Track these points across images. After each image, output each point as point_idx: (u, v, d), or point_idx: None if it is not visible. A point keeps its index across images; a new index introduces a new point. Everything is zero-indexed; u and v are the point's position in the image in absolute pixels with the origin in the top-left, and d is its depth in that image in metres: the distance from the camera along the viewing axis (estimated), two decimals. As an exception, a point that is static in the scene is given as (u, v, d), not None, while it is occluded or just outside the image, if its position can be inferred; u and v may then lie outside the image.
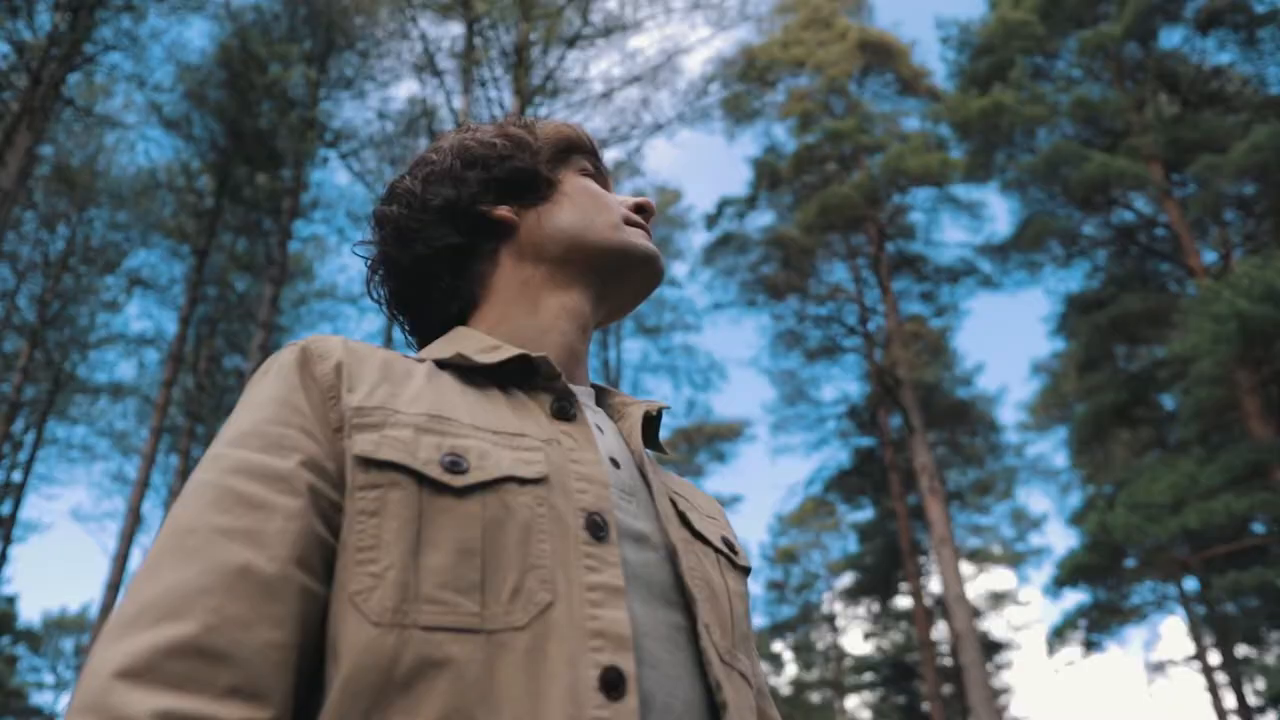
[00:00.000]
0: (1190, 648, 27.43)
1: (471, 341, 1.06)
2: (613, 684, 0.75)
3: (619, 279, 1.18)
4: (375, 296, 1.21)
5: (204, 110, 20.19)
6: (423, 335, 1.22)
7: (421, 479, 0.82)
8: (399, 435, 0.86)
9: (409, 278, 1.17)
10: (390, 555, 0.77)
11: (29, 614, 47.97)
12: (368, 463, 0.83)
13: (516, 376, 1.02)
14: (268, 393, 0.89)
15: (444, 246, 1.15)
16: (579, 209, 1.18)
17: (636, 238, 1.19)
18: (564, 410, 0.99)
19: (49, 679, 39.94)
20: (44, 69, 14.97)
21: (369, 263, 1.21)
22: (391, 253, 1.17)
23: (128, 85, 19.17)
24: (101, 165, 22.31)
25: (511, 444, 0.89)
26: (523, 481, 0.86)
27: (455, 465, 0.84)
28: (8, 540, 21.86)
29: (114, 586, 17.86)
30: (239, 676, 0.69)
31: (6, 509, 22.61)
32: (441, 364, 1.02)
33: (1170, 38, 22.25)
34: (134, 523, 18.47)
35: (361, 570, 0.77)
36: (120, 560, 18.03)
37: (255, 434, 0.84)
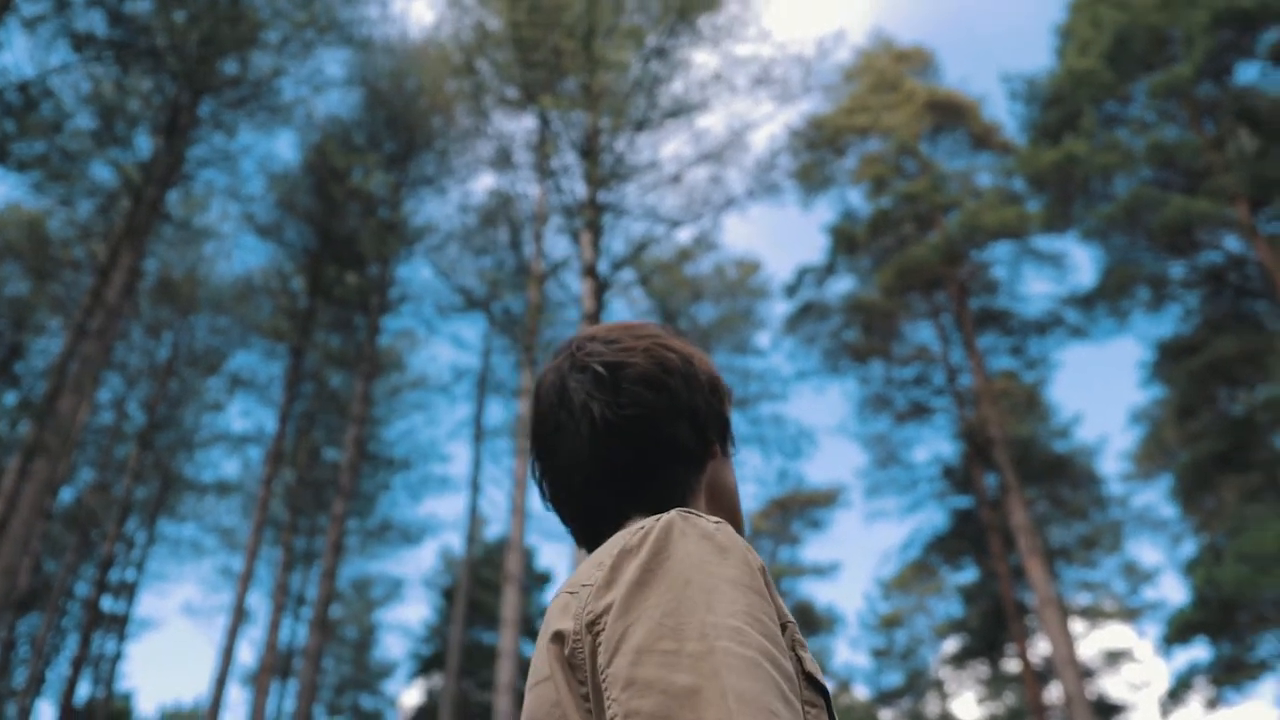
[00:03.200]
0: (1324, 701, 26.08)
1: None
2: None
3: None
4: (588, 427, 1.23)
5: (294, 216, 21.14)
6: (588, 519, 1.25)
7: (827, 699, 1.01)
8: (812, 654, 1.02)
9: (655, 446, 1.22)
10: None
11: (144, 709, 49.14)
12: (812, 681, 0.98)
13: None
14: (748, 580, 0.96)
15: (687, 436, 1.24)
16: (734, 487, 1.33)
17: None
18: None
19: (168, 774, 40.83)
20: (145, 189, 15.90)
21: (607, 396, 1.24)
22: (657, 408, 1.23)
23: (222, 198, 20.21)
24: (201, 274, 23.42)
25: None
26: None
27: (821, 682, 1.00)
28: (123, 637, 22.62)
29: (221, 680, 18.34)
30: None
31: (121, 607, 23.41)
32: None
33: (1246, 73, 21.92)
34: (239, 617, 18.99)
35: None
36: (227, 654, 18.52)
37: (767, 632, 0.93)
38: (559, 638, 0.98)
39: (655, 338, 1.30)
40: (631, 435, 1.21)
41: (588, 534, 1.26)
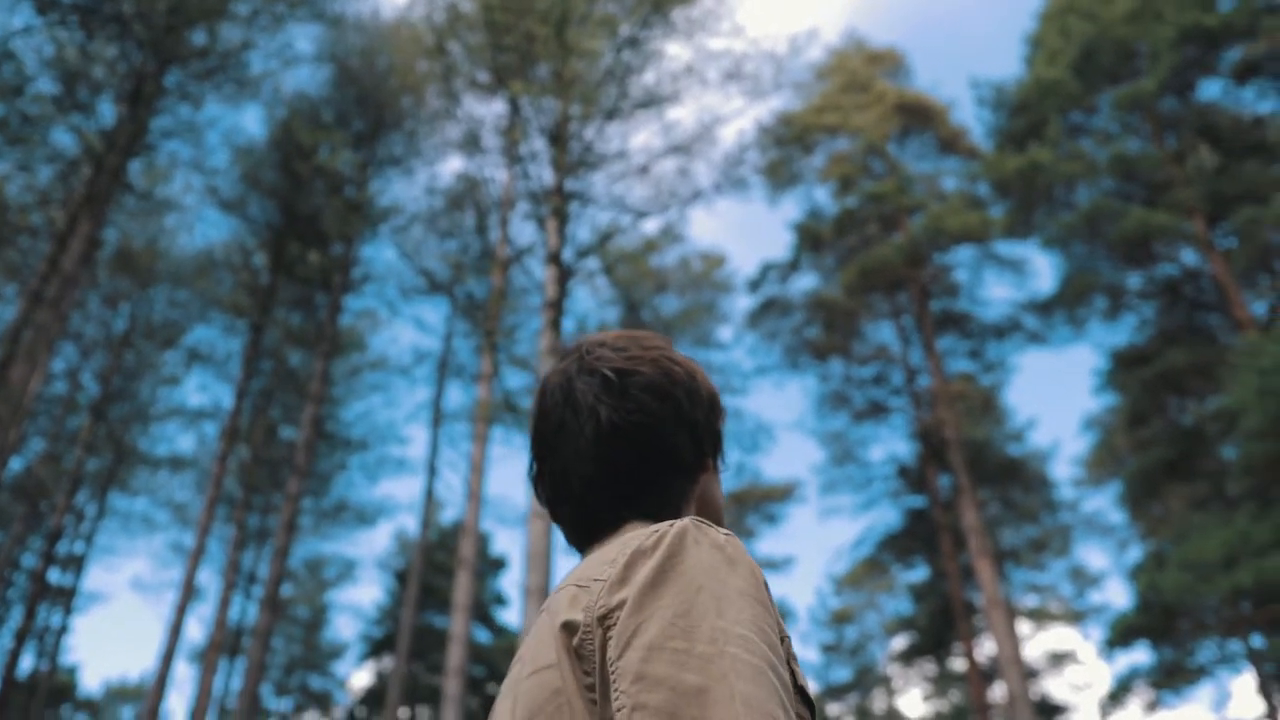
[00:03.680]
0: (1260, 706, 26.64)
1: None
2: None
3: None
4: (588, 428, 1.27)
5: (258, 191, 20.95)
6: (584, 520, 1.28)
7: (814, 712, 1.06)
8: (801, 669, 1.07)
9: (656, 454, 1.27)
10: None
11: (89, 683, 48.62)
12: (802, 694, 1.02)
13: None
14: (755, 593, 1.01)
15: (686, 448, 1.29)
16: (720, 502, 1.37)
17: None
18: None
19: (110, 748, 40.46)
20: (106, 157, 15.70)
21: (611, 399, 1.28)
22: (662, 417, 1.27)
23: (186, 170, 19.98)
24: (162, 246, 23.15)
25: None
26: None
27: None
28: (69, 610, 22.38)
29: (168, 657, 18.20)
30: None
31: (69, 580, 23.16)
32: None
33: (1208, 89, 22.26)
34: (188, 593, 18.86)
35: None
36: (175, 630, 18.38)
37: (770, 642, 0.98)
38: (569, 628, 1.02)
39: (663, 350, 1.35)
40: (635, 441, 1.25)
41: (581, 534, 1.29)
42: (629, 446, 1.25)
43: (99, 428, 22.79)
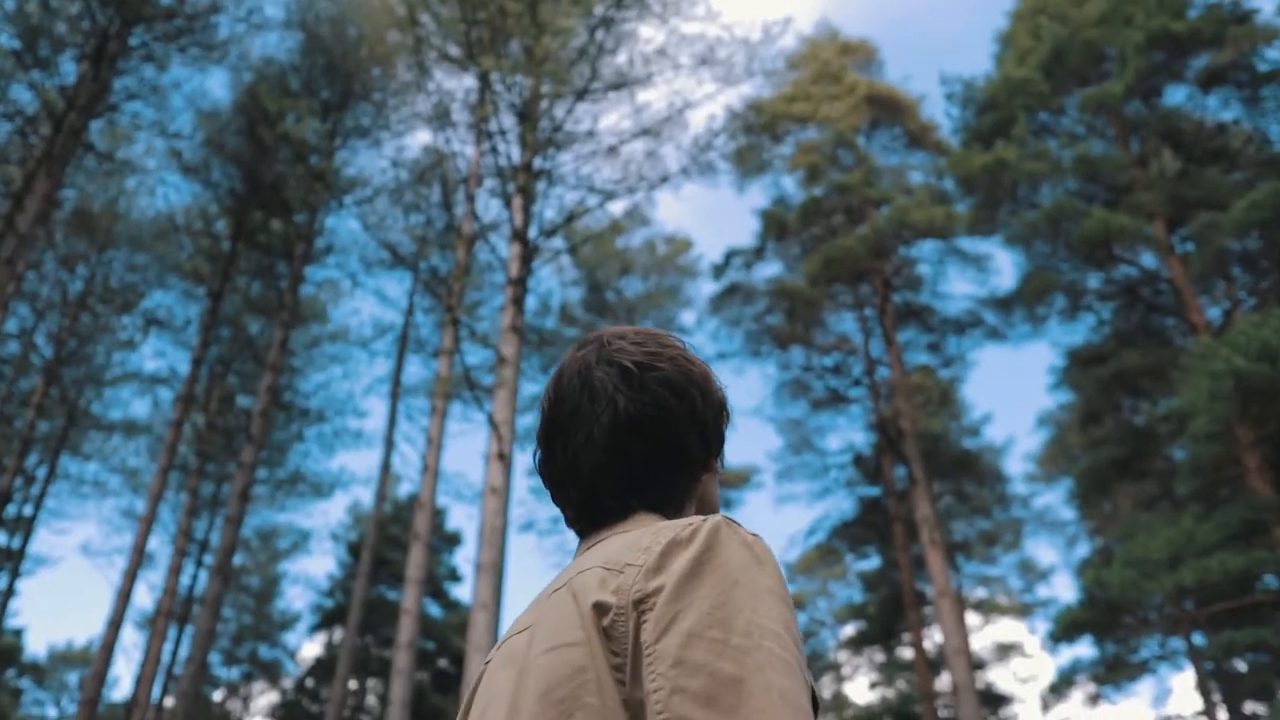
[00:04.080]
0: (1199, 703, 27.20)
1: None
2: None
3: None
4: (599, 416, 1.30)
5: (222, 157, 20.70)
6: (590, 505, 1.32)
7: (818, 712, 1.09)
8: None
9: (665, 448, 1.31)
10: None
11: (35, 647, 48.10)
12: (812, 695, 1.04)
13: None
14: (782, 593, 1.06)
15: (695, 446, 1.33)
16: (716, 503, 1.42)
17: None
18: None
19: (52, 712, 40.13)
20: (67, 116, 15.44)
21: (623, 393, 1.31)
22: (677, 413, 1.31)
23: (149, 132, 19.68)
24: (122, 209, 22.81)
25: None
26: None
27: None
28: (16, 574, 22.12)
29: (116, 622, 18.05)
30: None
31: (16, 543, 22.89)
32: None
33: (1174, 95, 22.52)
34: (138, 559, 18.70)
35: None
36: (124, 596, 18.23)
37: (796, 641, 1.03)
38: (600, 608, 1.05)
39: (681, 349, 1.39)
40: (648, 433, 1.29)
41: (585, 517, 1.33)
42: (642, 438, 1.29)
43: (52, 390, 22.50)
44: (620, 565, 1.09)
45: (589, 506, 1.31)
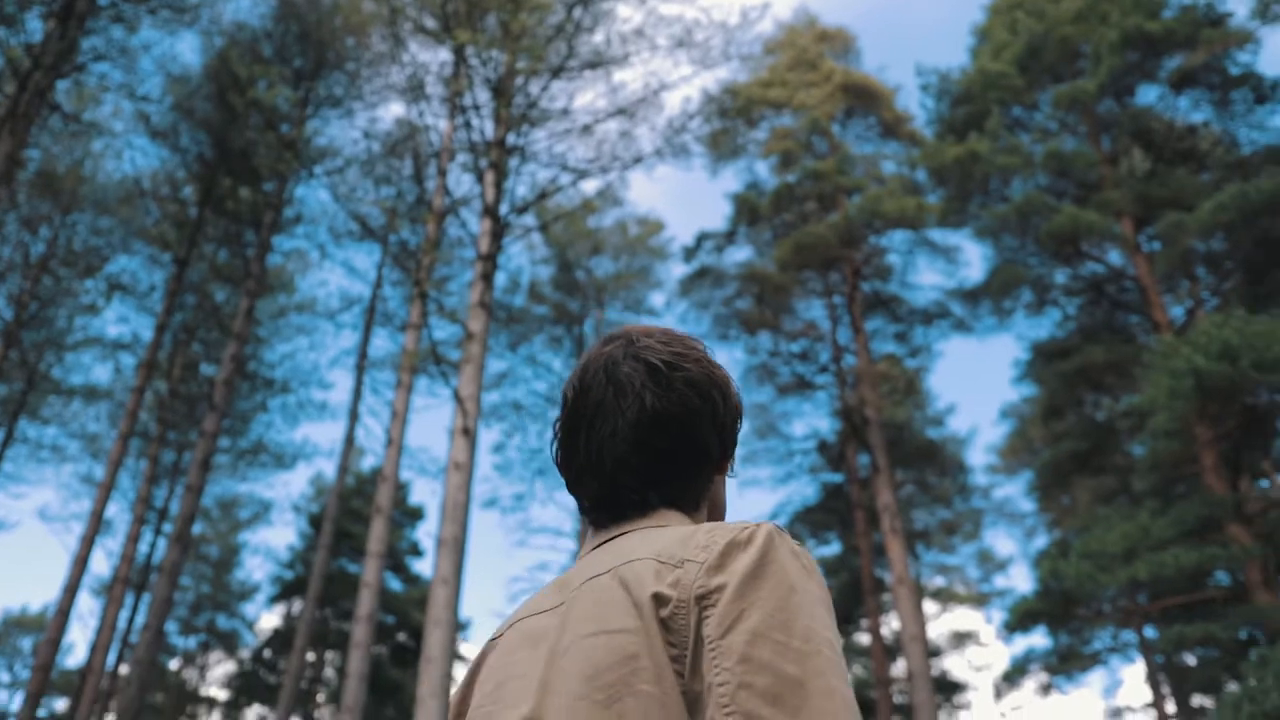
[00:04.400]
0: (1148, 695, 27.67)
1: None
2: None
3: None
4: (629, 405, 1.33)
5: (191, 122, 20.43)
6: (610, 497, 1.35)
7: None
8: None
9: (682, 440, 1.34)
10: None
11: (-10, 612, 47.60)
12: None
13: None
14: (829, 604, 1.11)
15: (714, 446, 1.37)
16: (725, 505, 1.47)
17: None
18: None
19: (5, 677, 39.76)
20: (32, 75, 15.18)
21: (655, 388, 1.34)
22: (700, 414, 1.34)
23: (116, 94, 19.38)
24: (87, 171, 22.47)
25: None
26: None
27: None
28: (-28, 538, 21.86)
29: (73, 588, 17.89)
30: None
31: (-28, 507, 22.62)
32: None
33: (1146, 95, 22.69)
34: (96, 525, 18.54)
35: None
36: (81, 562, 18.07)
37: (840, 649, 1.08)
38: (659, 599, 1.08)
39: (705, 353, 1.43)
40: (672, 430, 1.32)
41: (603, 508, 1.35)
42: (666, 434, 1.32)
43: (11, 353, 22.19)
44: (677, 560, 1.12)
45: (607, 498, 1.34)
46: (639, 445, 1.31)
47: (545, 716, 1.08)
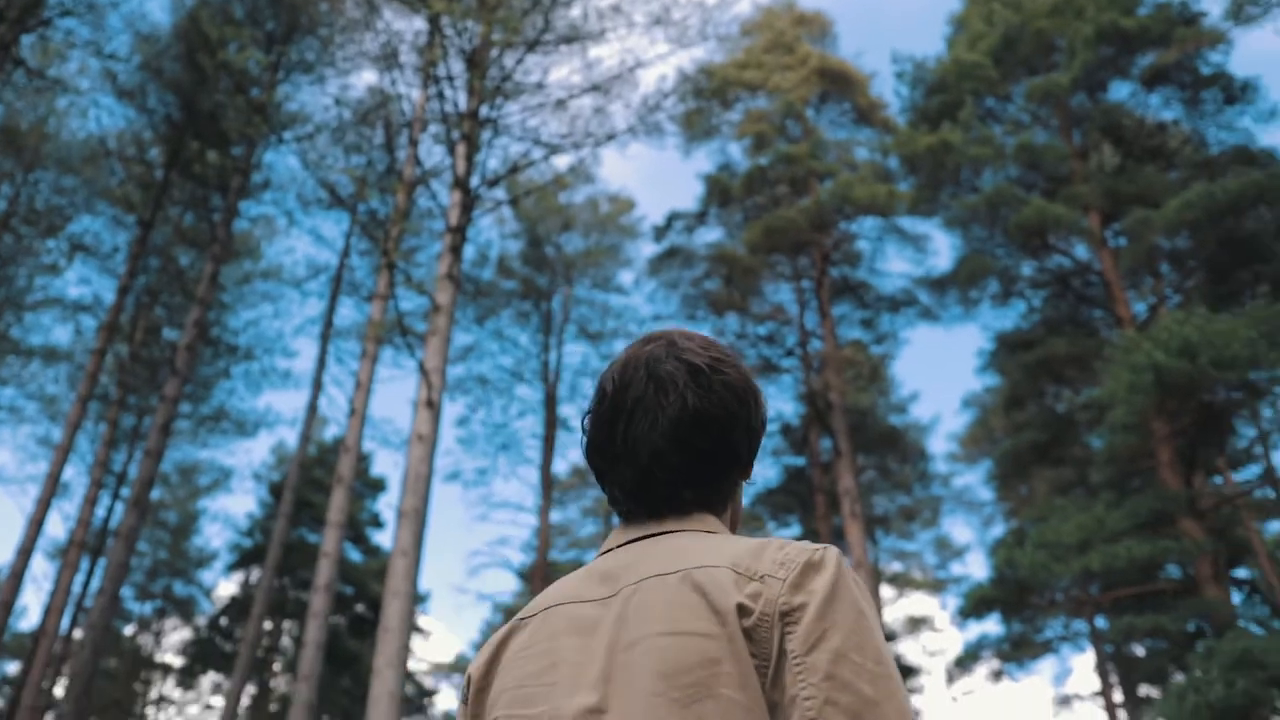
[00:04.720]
0: (1096, 684, 28.11)
1: None
2: None
3: None
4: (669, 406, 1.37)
5: (159, 83, 20.12)
6: (643, 490, 1.38)
7: None
8: None
9: (720, 444, 1.38)
10: None
11: (-55, 573, 47.00)
12: None
13: None
14: (880, 625, 1.17)
15: (743, 450, 1.42)
16: (741, 510, 1.52)
17: None
18: None
19: (-42, 640, 39.30)
20: (-3, 28, 14.92)
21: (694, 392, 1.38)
22: (737, 417, 1.39)
23: (83, 51, 19.05)
24: (51, 128, 22.11)
25: None
26: None
27: None
28: (-76, 497, 21.56)
29: (27, 551, 17.69)
30: None
31: (-74, 466, 22.30)
32: None
33: (1118, 91, 22.84)
34: (52, 488, 18.32)
35: None
36: (35, 525, 17.87)
37: None
38: (743, 610, 1.13)
39: (741, 361, 1.48)
40: (711, 430, 1.36)
41: (636, 501, 1.39)
42: (704, 433, 1.36)
43: (-31, 310, 21.86)
44: (755, 574, 1.16)
45: (641, 491, 1.38)
46: (678, 441, 1.35)
47: (613, 708, 1.12)
